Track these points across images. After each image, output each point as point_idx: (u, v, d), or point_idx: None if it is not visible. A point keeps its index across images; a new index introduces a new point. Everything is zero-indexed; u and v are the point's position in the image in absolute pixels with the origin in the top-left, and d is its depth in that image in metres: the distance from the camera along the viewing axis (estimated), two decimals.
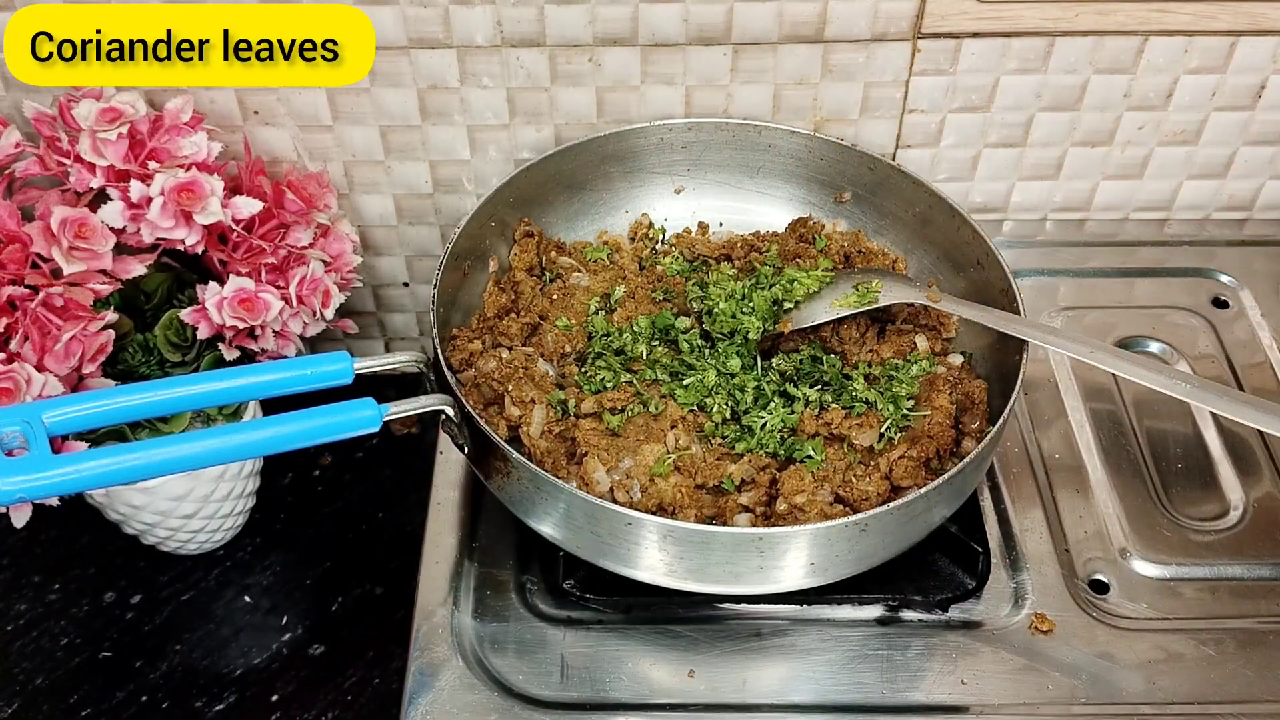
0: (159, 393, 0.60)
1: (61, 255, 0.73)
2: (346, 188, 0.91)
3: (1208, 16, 0.84)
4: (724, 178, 0.91)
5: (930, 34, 0.84)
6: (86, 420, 0.58)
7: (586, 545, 0.70)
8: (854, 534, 0.66)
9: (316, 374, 0.64)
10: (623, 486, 0.72)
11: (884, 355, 0.80)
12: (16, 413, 0.56)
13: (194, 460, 0.58)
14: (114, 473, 0.55)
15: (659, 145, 0.89)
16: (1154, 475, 0.84)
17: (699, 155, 0.90)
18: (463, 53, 0.83)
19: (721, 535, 0.66)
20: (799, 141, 0.88)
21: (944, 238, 0.84)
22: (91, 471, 0.55)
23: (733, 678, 0.73)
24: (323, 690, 0.81)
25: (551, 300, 0.83)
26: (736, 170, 0.90)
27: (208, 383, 0.62)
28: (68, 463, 0.54)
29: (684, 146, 0.89)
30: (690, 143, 0.89)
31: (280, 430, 0.60)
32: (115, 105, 0.76)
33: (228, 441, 0.58)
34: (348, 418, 0.61)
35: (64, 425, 0.57)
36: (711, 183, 0.91)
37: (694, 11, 0.81)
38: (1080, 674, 0.73)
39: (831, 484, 0.72)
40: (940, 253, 0.86)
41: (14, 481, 0.53)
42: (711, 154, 0.90)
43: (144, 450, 0.56)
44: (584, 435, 0.73)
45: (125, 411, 0.60)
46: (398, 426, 0.98)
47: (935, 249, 0.86)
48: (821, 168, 0.89)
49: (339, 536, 0.91)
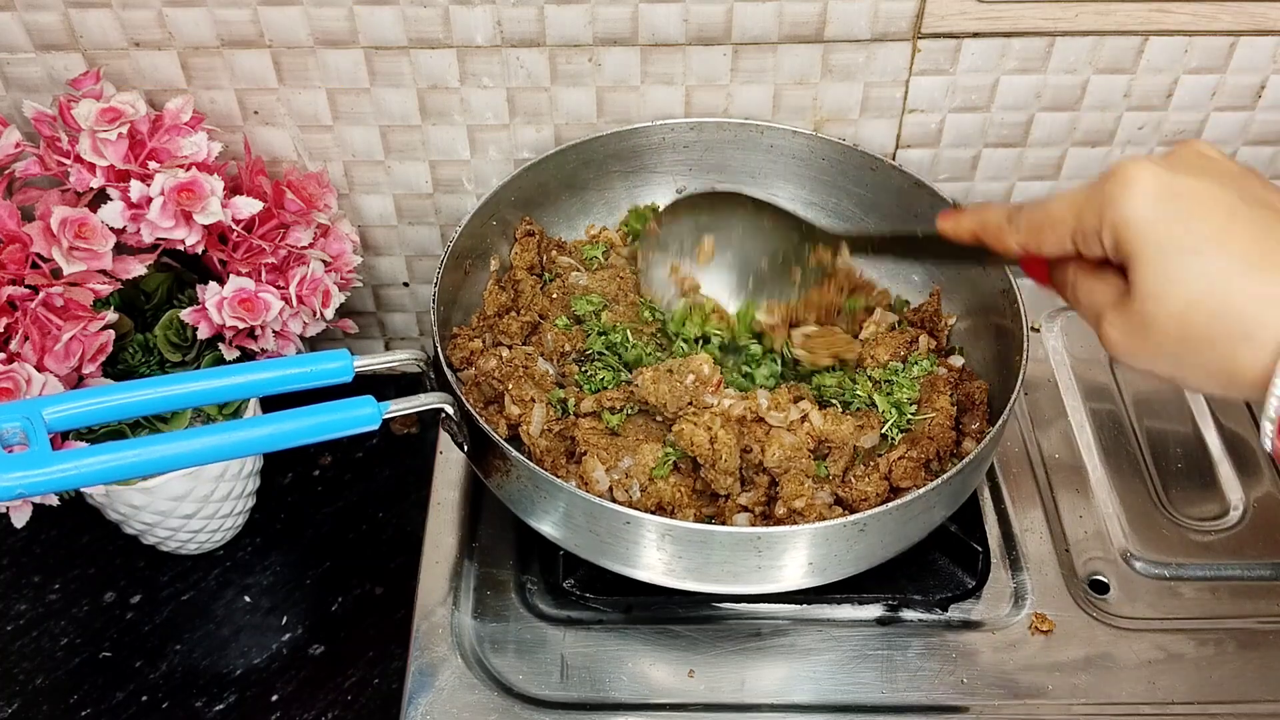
0: (160, 389, 0.60)
1: (61, 255, 0.73)
2: (346, 188, 0.91)
3: (1208, 16, 0.84)
4: (726, 178, 0.91)
5: (930, 34, 0.84)
6: (87, 416, 0.58)
7: (585, 544, 0.70)
8: (852, 534, 0.66)
9: (317, 372, 0.64)
10: (622, 486, 0.72)
11: (881, 358, 0.80)
12: (17, 409, 0.56)
13: (194, 457, 0.58)
14: (114, 469, 0.55)
15: (661, 145, 0.89)
16: (1154, 475, 0.84)
17: (700, 155, 0.90)
18: (463, 53, 0.83)
19: (720, 535, 0.66)
20: (801, 142, 0.88)
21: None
22: (91, 468, 0.55)
23: (732, 678, 0.73)
24: (323, 690, 0.81)
25: (551, 299, 0.83)
26: (738, 171, 0.90)
27: (208, 380, 0.62)
28: (68, 459, 0.54)
29: (686, 146, 0.89)
30: (692, 142, 0.89)
31: (280, 428, 0.60)
32: (115, 105, 0.76)
33: (228, 438, 0.58)
34: (347, 415, 0.61)
35: (65, 421, 0.57)
36: (713, 183, 0.91)
37: (694, 11, 0.81)
38: (1080, 674, 0.73)
39: (831, 485, 0.72)
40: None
41: (14, 477, 0.53)
42: (714, 154, 0.90)
43: (144, 447, 0.56)
44: (583, 434, 0.73)
45: (126, 408, 0.59)
46: (398, 426, 0.98)
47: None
48: (824, 168, 0.89)
49: (339, 536, 0.91)
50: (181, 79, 0.83)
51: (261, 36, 0.81)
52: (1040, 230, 0.56)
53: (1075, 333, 0.93)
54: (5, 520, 0.74)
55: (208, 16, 0.79)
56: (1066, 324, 0.93)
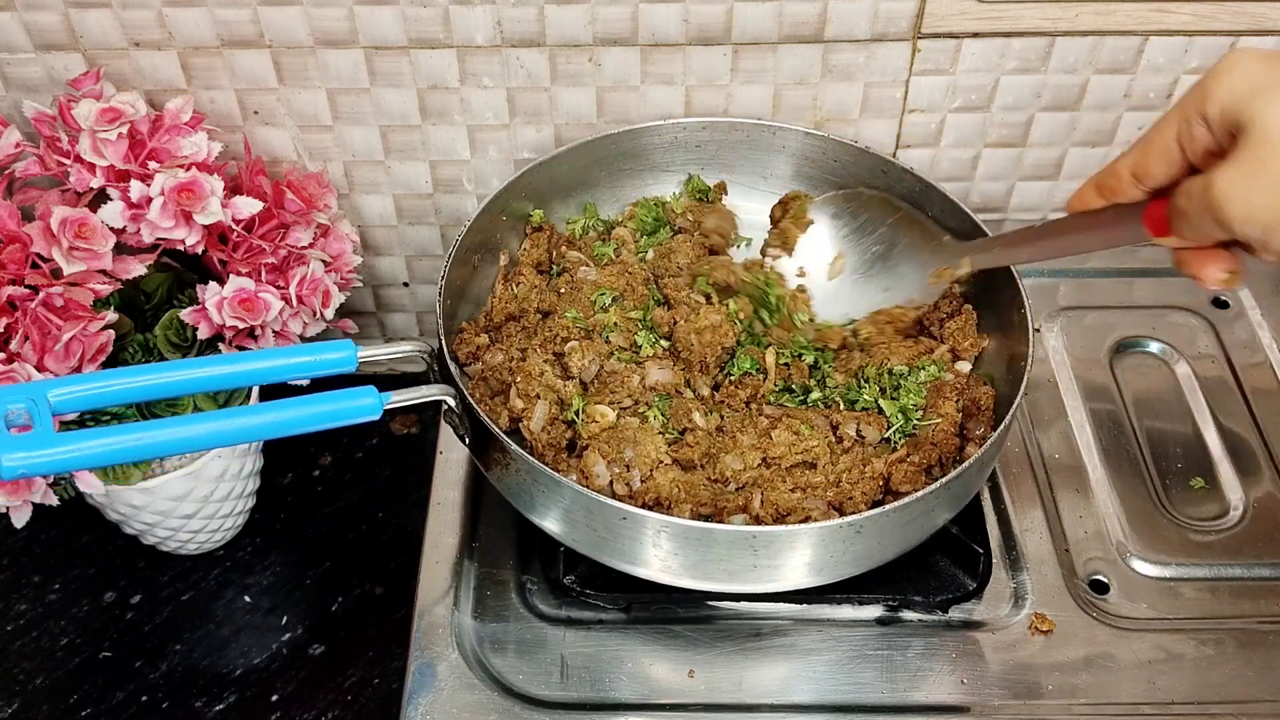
0: (164, 375, 0.60)
1: (61, 255, 0.73)
2: (346, 188, 0.91)
3: (1208, 16, 0.84)
4: (736, 178, 0.90)
5: (930, 34, 0.84)
6: (92, 399, 0.58)
7: (584, 539, 0.70)
8: (849, 535, 0.66)
9: (321, 361, 0.64)
10: (622, 479, 0.72)
11: (893, 364, 0.79)
12: (22, 391, 0.56)
13: (195, 441, 0.58)
14: (116, 451, 0.55)
15: (672, 144, 0.88)
16: (1154, 475, 0.84)
17: (712, 155, 0.89)
18: (463, 53, 0.83)
19: (717, 533, 0.66)
20: (813, 143, 0.87)
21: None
22: (94, 450, 0.55)
23: (732, 678, 0.73)
24: (323, 690, 0.81)
25: (559, 294, 0.83)
26: (749, 171, 0.90)
27: (212, 366, 0.62)
28: (71, 440, 0.54)
29: (697, 146, 0.89)
30: (704, 142, 0.88)
31: (281, 415, 0.60)
32: (115, 105, 0.76)
33: (229, 424, 0.59)
34: (349, 405, 0.61)
35: (69, 404, 0.57)
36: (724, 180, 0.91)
37: (694, 11, 0.81)
38: (1080, 674, 0.73)
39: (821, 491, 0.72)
40: None
41: (17, 457, 0.53)
42: (725, 154, 0.89)
43: (146, 430, 0.56)
44: (585, 428, 0.73)
45: (131, 392, 0.59)
46: (398, 426, 0.98)
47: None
48: (835, 170, 0.88)
49: (339, 536, 0.91)
50: (181, 79, 0.83)
51: (261, 36, 0.81)
52: (1147, 143, 0.58)
53: (1075, 332, 0.93)
54: (5, 520, 0.74)
55: (208, 16, 0.80)
56: (1066, 324, 0.93)
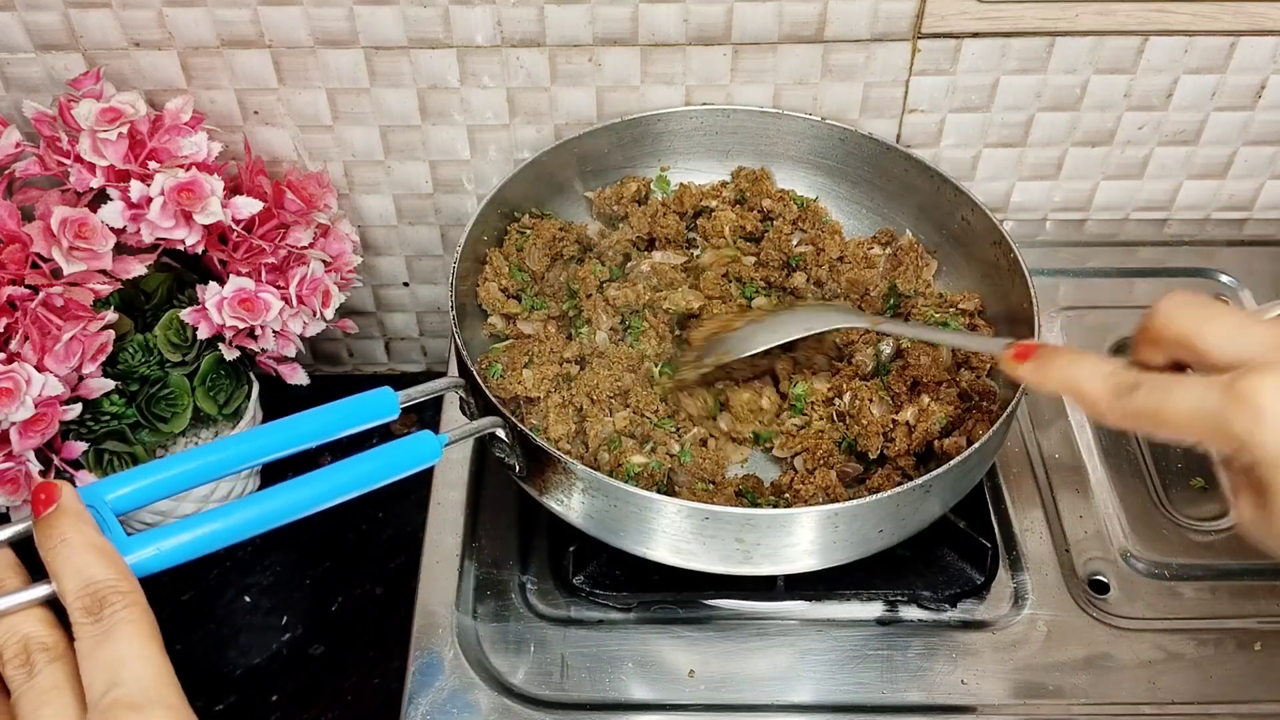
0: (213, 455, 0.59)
1: (61, 255, 0.73)
2: (346, 188, 0.91)
3: (1208, 16, 0.84)
4: (757, 163, 0.90)
5: (930, 34, 0.84)
6: (148, 492, 0.56)
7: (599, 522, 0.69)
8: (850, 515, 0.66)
9: (365, 413, 0.64)
10: None
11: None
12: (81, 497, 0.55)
13: (267, 519, 0.57)
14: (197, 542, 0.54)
15: (695, 129, 0.88)
16: (1154, 475, 0.84)
17: (730, 141, 0.89)
18: (463, 53, 0.83)
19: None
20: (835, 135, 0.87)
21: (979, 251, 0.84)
22: (173, 545, 0.53)
23: (733, 678, 0.73)
24: (323, 690, 0.81)
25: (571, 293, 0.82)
26: (774, 154, 0.89)
27: (260, 439, 0.61)
28: (146, 542, 0.53)
29: (717, 132, 0.88)
30: (723, 128, 0.88)
31: (347, 477, 0.61)
32: (115, 105, 0.76)
33: (296, 496, 0.59)
34: (411, 453, 0.62)
35: (126, 501, 0.56)
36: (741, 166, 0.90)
37: (694, 11, 0.81)
38: (1080, 674, 0.73)
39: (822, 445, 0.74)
40: (966, 255, 0.85)
41: None
42: (742, 139, 0.89)
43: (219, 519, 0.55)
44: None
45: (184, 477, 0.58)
46: (398, 426, 0.98)
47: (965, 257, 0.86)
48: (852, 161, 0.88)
49: (339, 536, 0.91)
50: (181, 79, 0.83)
51: (261, 36, 0.81)
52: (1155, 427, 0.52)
53: (1075, 332, 0.93)
54: (5, 519, 0.73)
55: (208, 16, 0.80)
56: (1066, 324, 0.93)
